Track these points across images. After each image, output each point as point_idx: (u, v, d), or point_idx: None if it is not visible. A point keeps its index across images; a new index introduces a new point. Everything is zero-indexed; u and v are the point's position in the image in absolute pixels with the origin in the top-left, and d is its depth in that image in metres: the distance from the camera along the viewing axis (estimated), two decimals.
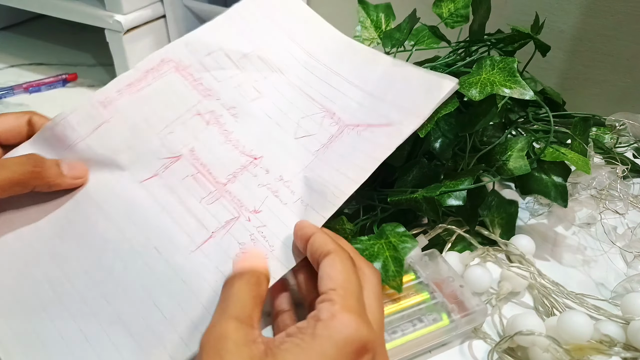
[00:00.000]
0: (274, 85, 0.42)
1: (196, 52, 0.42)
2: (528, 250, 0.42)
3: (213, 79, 0.41)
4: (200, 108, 0.40)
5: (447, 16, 0.49)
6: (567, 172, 0.43)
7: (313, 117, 0.40)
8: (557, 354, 0.32)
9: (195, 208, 0.35)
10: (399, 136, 0.37)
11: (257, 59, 0.43)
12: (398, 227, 0.38)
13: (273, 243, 0.34)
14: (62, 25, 0.81)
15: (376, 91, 0.41)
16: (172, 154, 0.38)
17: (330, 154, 0.38)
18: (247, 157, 0.38)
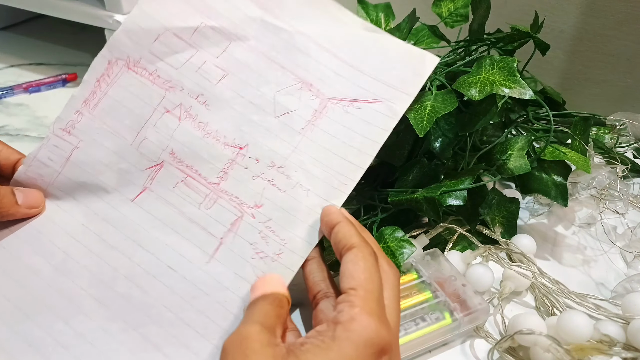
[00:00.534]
0: (237, 57, 0.38)
1: (141, 41, 0.38)
2: (529, 249, 0.42)
3: (170, 67, 0.37)
4: (167, 104, 0.37)
5: (447, 15, 0.49)
6: (567, 171, 0.43)
7: (289, 90, 0.37)
8: (557, 353, 0.32)
9: (196, 216, 0.35)
10: (393, 116, 0.36)
11: (210, 31, 0.38)
12: (397, 231, 0.38)
13: (284, 236, 0.33)
14: (62, 25, 0.81)
15: (352, 60, 0.38)
16: (153, 162, 0.36)
17: (319, 133, 0.36)
18: (232, 149, 0.36)
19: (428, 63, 0.38)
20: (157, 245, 0.34)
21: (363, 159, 0.35)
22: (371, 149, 0.36)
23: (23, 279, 0.33)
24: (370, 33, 0.40)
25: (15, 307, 0.32)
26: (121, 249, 0.34)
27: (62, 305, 0.32)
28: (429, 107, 0.39)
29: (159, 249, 0.34)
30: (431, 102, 0.40)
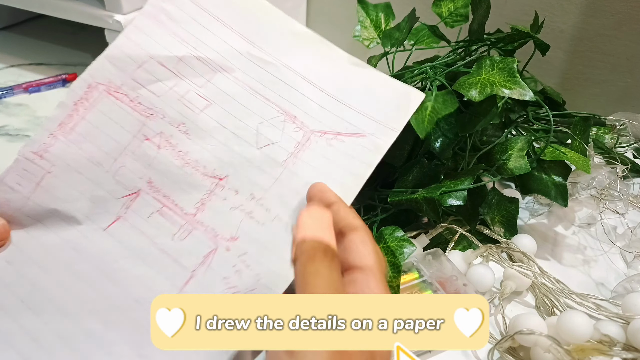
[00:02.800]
0: (221, 88, 0.37)
1: (125, 67, 0.37)
2: (529, 249, 0.42)
3: (152, 95, 0.36)
4: (147, 131, 0.36)
5: (447, 15, 0.49)
6: (567, 171, 0.43)
7: (272, 122, 0.37)
8: (558, 354, 0.32)
9: (169, 247, 0.33)
10: (377, 151, 0.36)
11: (195, 61, 0.38)
12: (397, 231, 0.38)
13: (259, 271, 0.32)
14: (62, 25, 0.81)
15: (337, 93, 0.38)
16: (129, 191, 0.35)
17: (301, 166, 0.36)
18: (212, 180, 0.35)
19: (413, 99, 0.38)
20: (126, 278, 0.32)
21: (346, 194, 0.35)
22: (354, 184, 0.35)
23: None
24: (356, 67, 0.40)
25: None
26: (89, 282, 0.32)
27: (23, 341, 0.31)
28: (429, 108, 0.40)
29: (128, 281, 0.32)
30: (432, 103, 0.40)
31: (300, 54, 0.39)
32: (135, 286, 0.32)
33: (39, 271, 0.33)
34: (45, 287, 0.32)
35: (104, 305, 0.32)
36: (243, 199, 0.34)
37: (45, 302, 0.32)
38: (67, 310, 0.32)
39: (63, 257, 0.33)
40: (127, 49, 0.37)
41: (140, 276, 0.32)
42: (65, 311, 0.32)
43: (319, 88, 0.38)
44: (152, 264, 0.33)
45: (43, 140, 0.35)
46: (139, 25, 0.38)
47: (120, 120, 0.36)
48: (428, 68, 0.45)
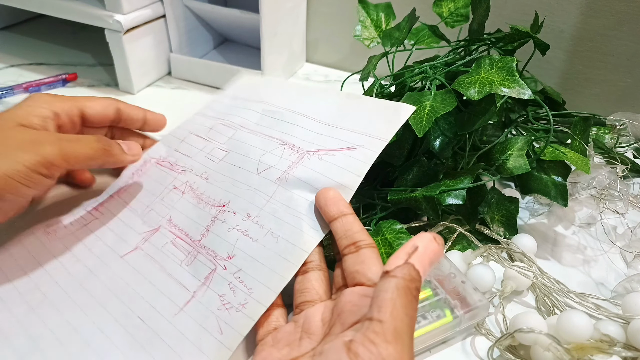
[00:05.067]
0: (237, 139, 0.44)
1: (171, 144, 0.46)
2: (530, 249, 0.42)
3: (186, 157, 0.44)
4: (176, 182, 0.42)
5: (447, 15, 0.49)
6: (567, 171, 0.43)
7: (273, 152, 0.41)
8: (557, 352, 0.32)
9: (175, 271, 0.36)
10: (366, 161, 0.37)
11: (222, 127, 0.46)
12: (395, 224, 0.38)
13: (251, 285, 0.34)
14: (62, 25, 0.81)
15: (333, 121, 0.42)
16: (151, 228, 0.40)
17: (293, 181, 0.38)
18: (216, 208, 0.39)
19: (403, 112, 0.39)
20: (132, 297, 0.35)
21: None
22: (345, 195, 0.36)
23: None
24: (352, 100, 0.43)
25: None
26: (97, 298, 0.35)
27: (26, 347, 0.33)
28: (428, 107, 0.40)
29: (133, 299, 0.35)
30: (430, 102, 0.40)
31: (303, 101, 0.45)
32: (139, 304, 0.35)
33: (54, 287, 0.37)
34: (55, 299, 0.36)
35: (108, 320, 0.34)
36: (240, 219, 0.38)
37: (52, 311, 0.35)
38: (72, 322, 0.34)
39: (79, 277, 0.37)
40: (175, 132, 0.47)
41: (144, 295, 0.35)
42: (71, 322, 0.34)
43: (315, 120, 0.42)
44: (158, 285, 0.36)
45: (104, 199, 0.43)
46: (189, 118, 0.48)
47: (158, 179, 0.44)
48: (428, 67, 0.45)
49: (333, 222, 0.34)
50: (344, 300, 0.30)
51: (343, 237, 0.33)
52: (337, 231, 0.33)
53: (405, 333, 0.24)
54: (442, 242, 0.28)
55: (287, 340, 0.30)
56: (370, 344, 0.23)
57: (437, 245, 0.27)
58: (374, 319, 0.24)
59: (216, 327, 0.33)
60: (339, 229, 0.33)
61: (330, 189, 0.35)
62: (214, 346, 0.32)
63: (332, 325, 0.29)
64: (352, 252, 0.32)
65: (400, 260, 0.26)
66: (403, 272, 0.25)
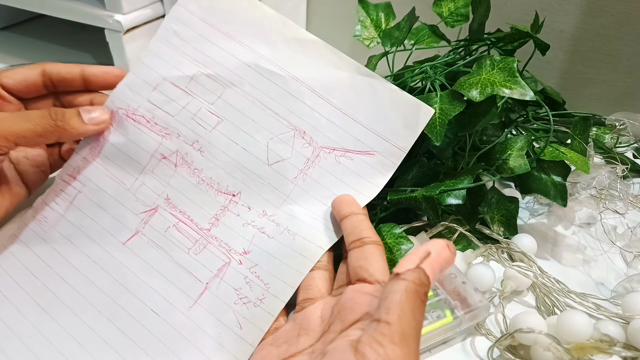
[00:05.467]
0: (231, 104, 0.39)
1: (140, 91, 0.39)
2: (530, 249, 0.42)
3: (166, 115, 0.39)
4: (164, 150, 0.38)
5: (447, 15, 0.49)
6: (566, 171, 0.43)
7: (282, 137, 0.38)
8: (557, 352, 0.32)
9: (184, 260, 0.35)
10: (384, 172, 0.37)
11: (205, 79, 0.39)
12: (394, 227, 0.38)
13: (268, 281, 0.34)
14: (62, 25, 0.81)
15: (345, 107, 0.39)
16: (147, 207, 0.37)
17: (311, 183, 0.37)
18: (225, 196, 0.37)
19: (422, 115, 0.38)
20: (142, 289, 0.34)
21: None
22: (361, 203, 0.36)
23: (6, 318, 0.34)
24: (365, 77, 0.39)
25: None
26: (107, 292, 0.34)
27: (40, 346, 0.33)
28: (437, 110, 0.39)
29: (145, 292, 0.34)
30: (439, 104, 0.40)
31: (307, 64, 0.40)
32: (152, 297, 0.34)
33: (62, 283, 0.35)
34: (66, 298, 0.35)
35: (121, 315, 0.33)
36: (255, 215, 0.36)
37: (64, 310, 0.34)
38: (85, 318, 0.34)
39: (85, 271, 0.36)
40: (142, 74, 0.39)
41: (157, 287, 0.34)
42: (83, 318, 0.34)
43: (327, 101, 0.39)
44: (169, 276, 0.35)
45: (77, 164, 0.39)
46: (152, 49, 0.40)
47: (139, 141, 0.38)
48: (428, 67, 0.45)
49: (343, 220, 0.34)
50: (345, 298, 0.30)
51: (351, 233, 0.33)
52: (345, 228, 0.34)
53: (412, 336, 0.24)
54: (455, 250, 0.28)
55: (286, 338, 0.30)
56: (378, 345, 0.24)
57: (449, 253, 0.28)
58: (381, 320, 0.24)
59: (235, 321, 0.32)
60: (348, 226, 0.34)
61: (347, 195, 0.36)
62: (234, 341, 0.31)
63: (331, 323, 0.29)
64: (357, 247, 0.32)
65: (411, 264, 0.26)
66: (413, 276, 0.26)
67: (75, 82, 0.38)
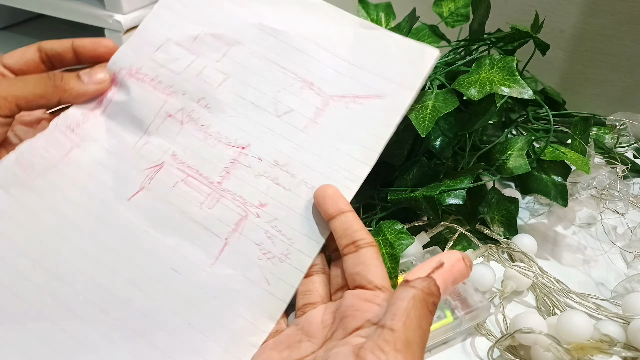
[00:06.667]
0: (237, 61, 0.38)
1: (144, 51, 0.38)
2: (530, 249, 0.42)
3: (171, 73, 0.38)
4: (169, 108, 0.37)
5: (447, 15, 0.49)
6: (567, 171, 0.43)
7: (290, 89, 0.37)
8: (557, 352, 0.32)
9: (198, 215, 0.34)
10: (396, 111, 0.36)
11: (209, 38, 0.39)
12: (395, 224, 0.38)
13: (291, 236, 0.33)
14: (62, 25, 0.80)
15: (351, 57, 0.38)
16: (153, 163, 0.35)
17: (322, 130, 0.36)
18: (234, 149, 0.36)
19: (427, 56, 0.38)
20: (157, 247, 0.33)
21: (369, 155, 0.35)
22: (376, 145, 0.36)
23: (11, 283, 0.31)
24: (368, 30, 0.39)
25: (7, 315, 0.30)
26: (119, 251, 0.33)
27: (58, 312, 0.31)
28: (430, 106, 0.39)
29: (161, 250, 0.33)
30: (432, 101, 0.40)
31: (311, 21, 0.40)
32: (170, 256, 0.33)
33: (63, 241, 0.33)
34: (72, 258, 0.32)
35: (140, 274, 0.32)
36: (267, 166, 0.35)
37: (74, 272, 0.32)
38: (100, 281, 0.32)
39: (85, 228, 0.33)
40: (145, 35, 0.39)
41: (173, 245, 0.33)
42: (98, 281, 0.32)
43: (332, 53, 0.39)
44: (184, 234, 0.33)
45: (76, 118, 0.36)
46: (155, 13, 0.39)
47: (142, 100, 0.37)
48: None
49: (332, 220, 0.33)
50: (346, 305, 0.29)
51: (342, 235, 0.32)
52: (335, 229, 0.33)
53: (417, 344, 0.24)
54: (471, 264, 0.28)
55: (287, 343, 0.30)
56: (380, 351, 0.23)
57: (464, 266, 0.27)
58: (386, 326, 0.24)
59: (261, 277, 0.32)
60: (338, 227, 0.32)
61: (329, 186, 0.34)
62: (264, 297, 0.31)
63: (334, 330, 0.29)
64: (352, 252, 0.31)
65: (423, 273, 0.26)
66: (423, 285, 0.25)
67: (67, 55, 0.38)
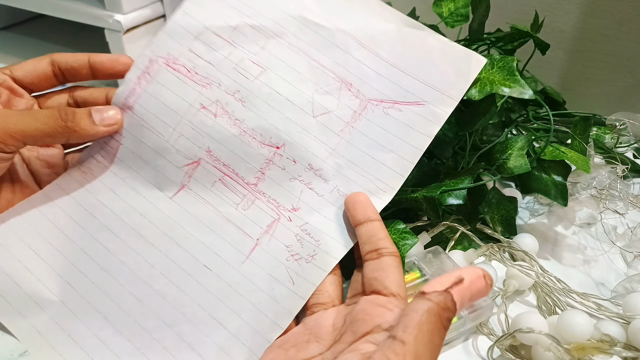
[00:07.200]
0: (275, 54, 0.37)
1: (182, 39, 0.38)
2: (531, 248, 0.42)
3: (208, 64, 0.37)
4: (203, 100, 0.36)
5: (447, 15, 0.49)
6: (567, 171, 0.43)
7: (328, 89, 0.37)
8: (558, 352, 0.32)
9: (233, 216, 0.34)
10: (435, 121, 0.36)
11: (249, 29, 0.38)
12: (398, 223, 0.38)
13: (319, 238, 0.33)
14: (62, 25, 0.81)
15: (393, 58, 0.37)
16: (189, 160, 0.36)
17: (358, 135, 0.36)
18: (269, 148, 0.36)
19: (474, 64, 0.37)
20: (193, 244, 0.34)
21: (403, 166, 0.35)
22: (412, 156, 0.35)
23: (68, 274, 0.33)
24: (413, 29, 0.38)
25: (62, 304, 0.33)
26: (158, 245, 0.34)
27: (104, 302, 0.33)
28: None
29: (196, 247, 0.34)
30: None
31: (354, 16, 0.39)
32: (203, 252, 0.34)
33: (109, 235, 0.35)
34: (118, 251, 0.34)
35: (174, 269, 0.33)
36: (301, 169, 0.35)
37: (119, 265, 0.34)
38: (140, 274, 0.33)
39: (130, 222, 0.35)
40: (183, 22, 0.38)
41: (208, 242, 0.34)
42: (138, 274, 0.33)
43: (374, 53, 0.38)
44: (219, 232, 0.34)
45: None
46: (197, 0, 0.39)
47: (177, 91, 0.37)
48: None
49: (358, 226, 0.33)
50: (358, 309, 0.29)
51: (367, 242, 0.32)
52: (361, 236, 0.33)
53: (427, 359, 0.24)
54: (492, 282, 0.27)
55: (294, 342, 0.30)
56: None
57: (484, 284, 0.26)
58: (397, 338, 0.24)
59: (287, 277, 0.32)
60: (363, 234, 0.32)
61: (361, 194, 0.34)
62: (287, 296, 0.32)
63: (343, 333, 0.28)
64: (374, 258, 0.31)
65: (440, 287, 0.25)
66: (439, 298, 0.25)
67: (83, 71, 0.37)
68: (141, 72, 0.37)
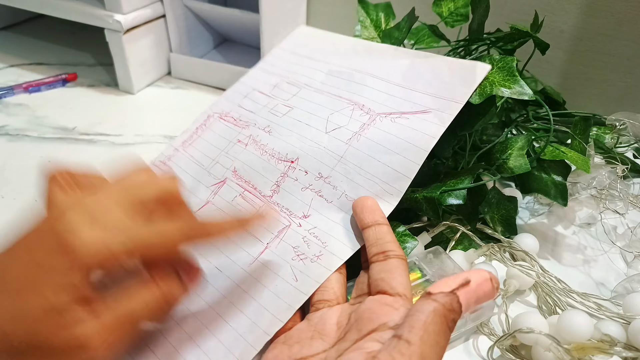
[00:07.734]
0: (302, 97, 0.44)
1: (234, 99, 0.47)
2: (532, 248, 0.42)
3: (249, 113, 0.45)
4: (240, 137, 0.43)
5: (447, 15, 0.49)
6: (567, 170, 0.43)
7: (342, 111, 0.41)
8: (558, 352, 0.32)
9: None
10: (440, 124, 0.37)
11: (286, 85, 0.46)
12: (398, 226, 0.38)
13: (325, 240, 0.35)
14: (62, 25, 0.81)
15: (405, 82, 0.41)
16: (217, 179, 0.41)
17: (365, 142, 0.38)
18: (285, 163, 0.39)
19: (479, 71, 0.39)
20: (209, 250, 0.36)
21: (408, 167, 0.36)
22: (417, 157, 0.36)
23: None
24: (424, 58, 0.42)
25: None
26: None
27: None
28: None
29: (211, 253, 0.36)
30: None
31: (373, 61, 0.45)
32: (217, 256, 0.36)
33: None
34: None
35: None
36: (312, 178, 0.38)
37: None
38: None
39: None
40: (237, 88, 0.49)
41: (222, 248, 0.36)
42: None
43: (386, 80, 0.42)
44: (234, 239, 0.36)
45: (169, 153, 0.46)
46: (250, 74, 0.50)
47: (223, 133, 0.45)
48: None
49: (366, 229, 0.33)
50: (364, 307, 0.29)
51: (374, 244, 0.32)
52: (368, 238, 0.33)
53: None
54: (498, 285, 0.27)
55: (298, 338, 0.30)
56: None
57: (491, 287, 0.27)
58: (402, 338, 0.24)
59: (291, 275, 0.34)
60: (370, 236, 0.33)
61: (369, 198, 0.35)
62: (290, 292, 0.33)
63: (347, 331, 0.28)
64: (380, 260, 0.31)
65: (447, 288, 0.26)
66: (445, 300, 0.25)
67: None
68: (200, 124, 0.47)
